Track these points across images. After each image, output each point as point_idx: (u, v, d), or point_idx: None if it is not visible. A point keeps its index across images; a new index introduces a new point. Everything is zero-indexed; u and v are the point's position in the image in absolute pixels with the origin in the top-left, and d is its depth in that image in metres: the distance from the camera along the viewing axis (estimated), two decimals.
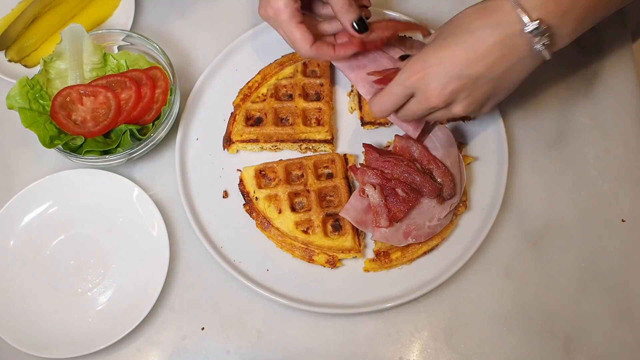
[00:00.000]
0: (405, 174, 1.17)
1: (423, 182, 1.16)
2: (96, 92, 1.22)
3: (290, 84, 1.28)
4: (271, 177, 1.24)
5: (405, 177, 1.16)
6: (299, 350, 1.15)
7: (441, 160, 1.18)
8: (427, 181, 1.16)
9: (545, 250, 1.21)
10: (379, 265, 1.17)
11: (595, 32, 1.39)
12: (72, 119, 1.21)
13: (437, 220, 1.17)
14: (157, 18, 1.42)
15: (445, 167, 1.18)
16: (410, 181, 1.16)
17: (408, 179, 1.16)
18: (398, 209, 1.15)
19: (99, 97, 1.21)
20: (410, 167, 1.17)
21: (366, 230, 1.18)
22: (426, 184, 1.15)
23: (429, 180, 1.16)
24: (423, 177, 1.16)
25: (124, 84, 1.23)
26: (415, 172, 1.16)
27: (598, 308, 1.18)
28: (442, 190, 1.16)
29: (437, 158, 1.19)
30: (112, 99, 1.20)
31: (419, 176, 1.16)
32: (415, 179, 1.16)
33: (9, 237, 1.21)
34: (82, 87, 1.23)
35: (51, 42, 1.37)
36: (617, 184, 1.26)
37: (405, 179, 1.16)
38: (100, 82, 1.24)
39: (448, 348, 1.16)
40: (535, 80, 1.34)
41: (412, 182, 1.16)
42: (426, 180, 1.16)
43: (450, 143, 1.21)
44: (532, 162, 1.28)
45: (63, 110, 1.20)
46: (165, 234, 1.19)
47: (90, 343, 1.13)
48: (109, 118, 1.20)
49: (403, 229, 1.16)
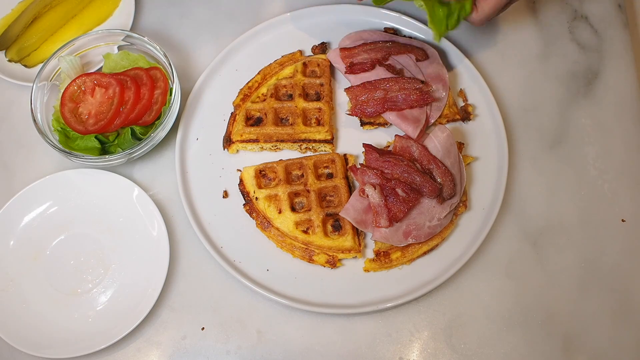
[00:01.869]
0: (405, 174, 1.17)
1: (423, 182, 1.16)
2: (109, 84, 1.22)
3: (290, 84, 1.28)
4: (271, 177, 1.24)
5: (405, 177, 1.17)
6: (299, 350, 1.15)
7: (441, 160, 1.18)
8: (427, 181, 1.16)
9: (545, 250, 1.21)
10: (379, 265, 1.17)
11: (595, 32, 1.39)
12: (78, 112, 1.21)
13: (437, 220, 1.17)
14: (157, 18, 1.42)
15: (445, 167, 1.18)
16: (410, 181, 1.16)
17: (408, 179, 1.16)
18: (398, 209, 1.15)
19: (109, 91, 1.21)
20: (411, 167, 1.17)
21: (366, 230, 1.18)
22: (426, 183, 1.15)
23: (429, 180, 1.16)
24: (423, 177, 1.16)
25: (125, 83, 1.23)
26: (415, 172, 1.16)
27: (598, 308, 1.18)
28: (442, 190, 1.16)
29: (437, 158, 1.19)
30: (116, 96, 1.20)
31: (419, 176, 1.16)
32: (415, 179, 1.16)
33: (9, 237, 1.21)
34: (98, 76, 1.23)
35: (51, 42, 1.37)
36: (617, 184, 1.26)
37: (405, 179, 1.16)
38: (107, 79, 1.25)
39: (448, 348, 1.16)
40: (535, 80, 1.35)
41: (412, 182, 1.16)
42: (426, 180, 1.16)
43: (450, 143, 1.21)
44: (532, 162, 1.28)
45: (71, 102, 1.20)
46: (165, 234, 1.19)
47: (90, 343, 1.13)
48: (106, 118, 1.20)
49: (403, 229, 1.16)
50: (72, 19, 1.38)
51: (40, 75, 1.25)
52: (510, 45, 1.38)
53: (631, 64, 1.36)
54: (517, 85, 1.34)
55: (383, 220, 1.15)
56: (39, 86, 1.24)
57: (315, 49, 1.34)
